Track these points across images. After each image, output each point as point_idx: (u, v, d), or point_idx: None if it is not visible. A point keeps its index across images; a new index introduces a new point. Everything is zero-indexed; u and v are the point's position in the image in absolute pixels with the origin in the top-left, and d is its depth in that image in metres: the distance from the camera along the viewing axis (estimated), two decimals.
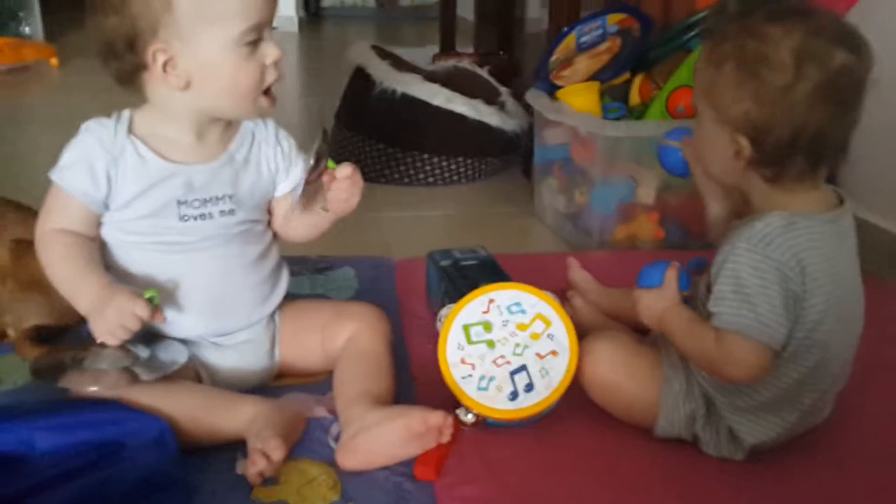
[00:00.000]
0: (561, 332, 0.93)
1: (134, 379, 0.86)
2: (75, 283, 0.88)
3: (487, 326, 0.93)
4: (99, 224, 0.92)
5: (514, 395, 0.90)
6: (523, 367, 0.91)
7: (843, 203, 0.85)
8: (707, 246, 1.44)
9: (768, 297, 0.78)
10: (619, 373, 0.92)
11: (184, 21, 0.84)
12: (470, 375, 0.91)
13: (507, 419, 0.90)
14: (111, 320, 0.84)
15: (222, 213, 0.93)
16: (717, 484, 0.85)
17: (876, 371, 1.00)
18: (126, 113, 0.93)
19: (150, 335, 0.92)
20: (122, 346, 0.87)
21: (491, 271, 1.13)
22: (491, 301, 0.95)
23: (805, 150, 0.80)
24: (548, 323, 0.93)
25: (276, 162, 0.99)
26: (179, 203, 0.91)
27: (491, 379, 0.91)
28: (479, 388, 0.90)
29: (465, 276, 1.11)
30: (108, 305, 0.84)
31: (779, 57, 0.78)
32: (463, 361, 0.92)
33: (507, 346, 0.92)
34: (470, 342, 0.93)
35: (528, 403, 0.89)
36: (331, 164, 0.94)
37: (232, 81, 0.88)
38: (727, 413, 0.86)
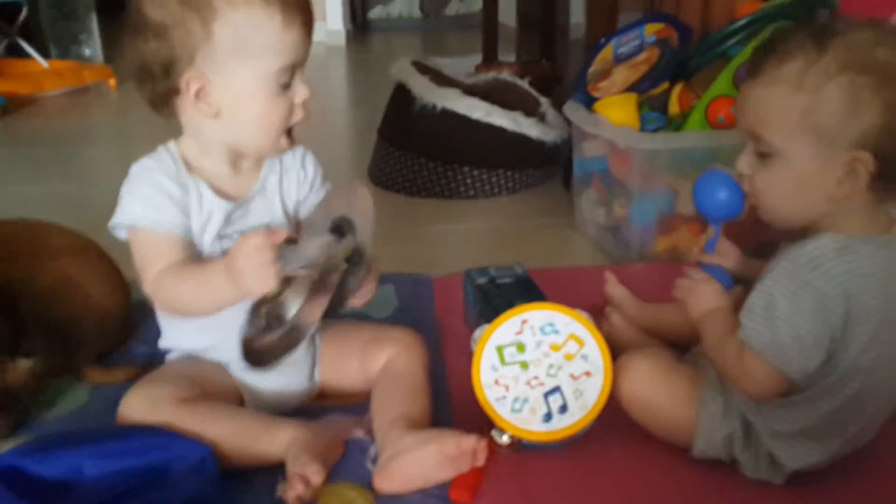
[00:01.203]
0: (595, 352, 0.93)
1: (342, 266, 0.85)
2: (208, 288, 0.86)
3: (521, 347, 0.94)
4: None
5: (548, 417, 0.90)
6: (557, 389, 0.91)
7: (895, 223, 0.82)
8: (749, 256, 1.43)
9: (796, 324, 0.77)
10: (657, 391, 0.91)
11: (221, 52, 0.86)
12: (504, 397, 0.92)
13: (542, 441, 0.90)
14: (249, 269, 0.80)
15: None
16: None
17: None
18: (174, 148, 0.94)
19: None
20: (288, 280, 0.83)
21: (526, 289, 1.13)
22: (524, 322, 0.95)
23: None
24: (581, 343, 0.93)
25: (298, 185, 1.01)
26: (221, 237, 0.93)
27: (525, 401, 0.91)
28: (513, 410, 0.91)
29: (500, 294, 1.12)
30: (236, 262, 0.81)
31: (893, 59, 0.74)
32: (496, 382, 0.92)
33: (541, 368, 0.93)
34: (503, 363, 0.93)
35: (563, 425, 0.90)
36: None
37: (260, 116, 0.90)
38: (766, 438, 0.85)
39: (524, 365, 0.93)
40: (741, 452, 0.87)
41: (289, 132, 0.93)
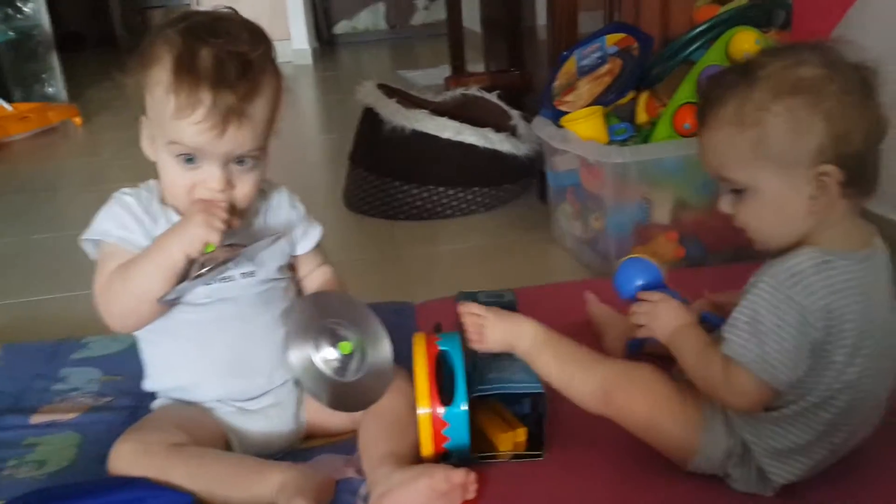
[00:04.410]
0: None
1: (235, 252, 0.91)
2: (151, 254, 0.90)
3: None
4: None
5: None
6: None
7: (875, 237, 0.84)
8: (728, 261, 1.44)
9: (780, 338, 0.78)
10: (658, 410, 0.89)
11: (150, 111, 0.91)
12: None
13: None
14: (204, 216, 0.87)
15: (243, 275, 0.97)
16: None
17: None
18: (153, 184, 0.98)
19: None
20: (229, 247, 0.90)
21: None
22: None
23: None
24: None
25: (291, 223, 1.04)
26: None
27: None
28: None
29: None
30: (192, 210, 0.89)
31: (817, 73, 0.77)
32: None
33: None
34: None
35: None
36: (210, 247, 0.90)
37: (165, 177, 0.94)
38: (761, 456, 0.86)
39: None
40: (734, 468, 0.88)
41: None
